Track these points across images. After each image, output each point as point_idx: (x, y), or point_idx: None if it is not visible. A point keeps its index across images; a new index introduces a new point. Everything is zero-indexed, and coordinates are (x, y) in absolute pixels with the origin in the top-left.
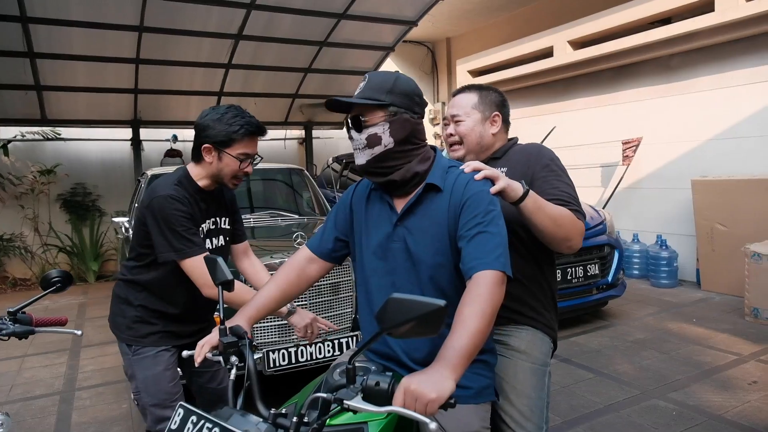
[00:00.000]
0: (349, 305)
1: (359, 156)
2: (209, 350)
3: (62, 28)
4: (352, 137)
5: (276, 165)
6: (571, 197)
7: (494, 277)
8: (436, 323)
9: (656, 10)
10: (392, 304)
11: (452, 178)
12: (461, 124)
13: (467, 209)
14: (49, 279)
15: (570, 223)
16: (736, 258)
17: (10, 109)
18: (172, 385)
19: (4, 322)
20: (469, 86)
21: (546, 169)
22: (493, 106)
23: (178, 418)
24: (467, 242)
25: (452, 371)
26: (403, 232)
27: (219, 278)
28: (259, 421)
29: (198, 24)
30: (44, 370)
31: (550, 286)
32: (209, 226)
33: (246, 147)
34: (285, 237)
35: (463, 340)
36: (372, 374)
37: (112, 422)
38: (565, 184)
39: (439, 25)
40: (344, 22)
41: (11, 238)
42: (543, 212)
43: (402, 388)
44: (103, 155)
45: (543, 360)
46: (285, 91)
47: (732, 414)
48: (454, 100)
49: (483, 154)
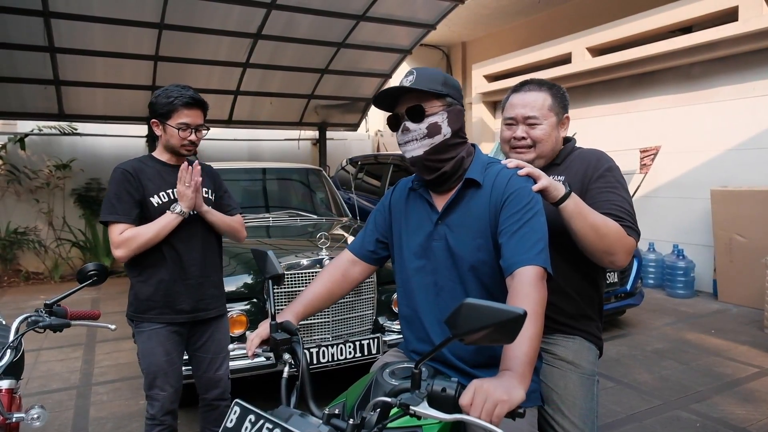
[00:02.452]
0: (370, 307)
1: (414, 148)
2: (259, 344)
3: (83, 24)
4: (407, 128)
5: (294, 165)
6: (624, 212)
7: (537, 274)
8: (514, 331)
9: (677, 18)
10: (466, 309)
11: (493, 174)
12: (538, 128)
13: (509, 205)
14: (85, 272)
15: (615, 236)
16: (755, 270)
17: (29, 103)
18: (165, 360)
19: (41, 314)
20: (537, 82)
21: (602, 180)
22: (564, 106)
23: (234, 416)
24: (508, 237)
25: (521, 380)
26: (444, 230)
27: (269, 271)
28: (320, 423)
29: (218, 22)
30: (60, 365)
31: (600, 297)
32: None
33: (185, 117)
34: (304, 237)
35: (524, 347)
36: (437, 379)
37: (130, 418)
38: (620, 197)
39: (455, 29)
40: (362, 23)
41: (25, 232)
42: (584, 218)
43: (473, 388)
44: (118, 151)
45: (591, 369)
46: (301, 91)
47: (757, 427)
48: (524, 99)
49: (551, 159)
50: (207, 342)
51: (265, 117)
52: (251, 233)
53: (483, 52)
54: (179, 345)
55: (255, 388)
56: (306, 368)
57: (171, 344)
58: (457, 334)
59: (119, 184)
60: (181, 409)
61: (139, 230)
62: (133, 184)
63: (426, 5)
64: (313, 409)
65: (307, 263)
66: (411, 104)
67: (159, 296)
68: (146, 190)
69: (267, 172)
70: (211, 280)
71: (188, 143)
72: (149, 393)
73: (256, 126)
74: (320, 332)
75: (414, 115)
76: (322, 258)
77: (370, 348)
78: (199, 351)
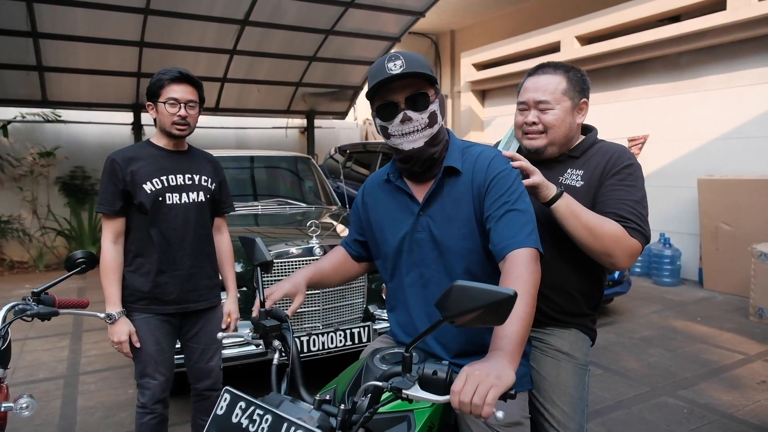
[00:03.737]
0: (360, 295)
1: (416, 138)
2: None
3: (67, 8)
4: (409, 118)
5: (283, 153)
6: (632, 212)
7: (529, 255)
8: (504, 312)
9: (666, 7)
10: (456, 291)
11: (471, 159)
12: (549, 113)
13: (493, 189)
14: (73, 260)
15: (612, 238)
16: (740, 258)
17: (11, 89)
18: (156, 350)
19: (28, 303)
20: (553, 65)
21: (616, 177)
22: (582, 91)
23: (225, 404)
24: (496, 222)
25: (511, 360)
26: (427, 221)
27: (258, 259)
28: (310, 408)
29: (204, 8)
30: (46, 354)
31: (600, 294)
32: (183, 181)
33: (173, 92)
34: (293, 225)
35: (514, 326)
36: (428, 363)
37: (119, 407)
38: (632, 197)
39: (444, 17)
40: (351, 10)
41: (9, 221)
42: (577, 220)
43: (464, 374)
44: (104, 139)
45: (584, 360)
46: (289, 79)
47: (743, 413)
48: (537, 82)
49: (565, 146)
50: (199, 333)
51: (253, 105)
52: (240, 221)
53: (472, 40)
54: (170, 334)
55: (245, 377)
56: (296, 354)
57: (161, 333)
58: (448, 316)
59: (105, 174)
60: (172, 397)
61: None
62: (119, 174)
63: None
64: (304, 396)
65: (297, 252)
66: (410, 92)
67: (147, 287)
68: (138, 177)
69: (255, 160)
70: (205, 271)
71: (179, 119)
72: (140, 381)
73: (243, 114)
74: (311, 321)
75: (416, 103)
76: (312, 246)
77: (360, 336)
78: (191, 341)
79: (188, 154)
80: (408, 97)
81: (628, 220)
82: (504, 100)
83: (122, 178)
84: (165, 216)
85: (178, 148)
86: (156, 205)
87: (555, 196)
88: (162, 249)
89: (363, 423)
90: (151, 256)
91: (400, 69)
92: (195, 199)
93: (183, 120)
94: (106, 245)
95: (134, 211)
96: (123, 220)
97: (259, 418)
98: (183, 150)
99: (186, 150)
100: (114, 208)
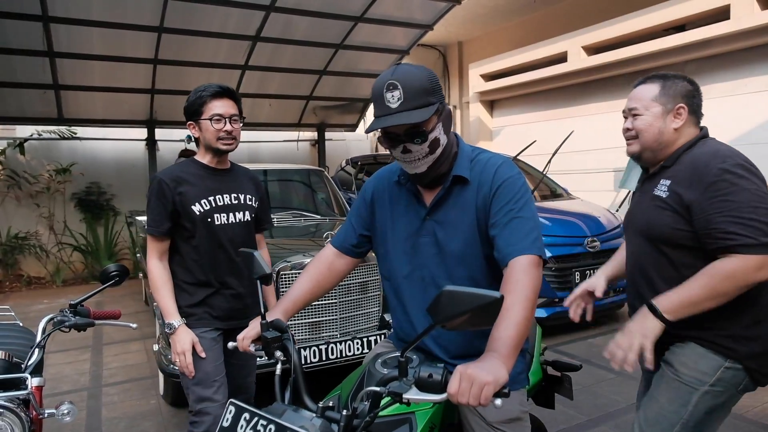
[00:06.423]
0: (376, 304)
1: (417, 165)
2: (250, 344)
3: (82, 28)
4: (408, 150)
5: (296, 166)
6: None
7: (530, 261)
8: (492, 315)
9: (671, 17)
10: (446, 296)
11: (479, 167)
12: (638, 118)
13: (498, 197)
14: (107, 273)
15: (723, 282)
16: None
17: (28, 107)
18: (213, 367)
19: (66, 314)
20: (654, 76)
21: (708, 192)
22: (678, 96)
23: (230, 416)
24: (501, 229)
25: (505, 361)
26: (432, 226)
27: (257, 272)
28: (312, 416)
29: (217, 25)
30: (68, 367)
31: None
32: (230, 201)
33: (216, 108)
34: (308, 236)
35: (510, 330)
36: (423, 366)
37: (142, 417)
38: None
39: (452, 29)
40: (360, 25)
41: (26, 237)
42: (694, 306)
43: (458, 374)
44: (118, 155)
45: (692, 376)
46: (299, 92)
47: (753, 414)
48: (634, 92)
49: (662, 151)
50: None
51: (265, 118)
52: None
53: (479, 51)
54: (222, 355)
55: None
56: (298, 364)
57: (215, 354)
58: (438, 320)
59: (153, 195)
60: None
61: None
62: (168, 195)
63: (423, 6)
64: (308, 404)
65: None
66: (408, 126)
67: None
68: (186, 199)
69: (269, 173)
70: (250, 289)
71: (225, 135)
72: (199, 408)
73: (255, 128)
74: (329, 329)
75: (414, 136)
76: None
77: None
78: (232, 357)
79: (232, 172)
80: (406, 130)
81: (730, 239)
82: (512, 110)
83: (171, 198)
84: (213, 236)
85: (223, 166)
86: (204, 225)
87: (658, 317)
88: (212, 269)
89: (364, 428)
90: (200, 276)
91: (398, 102)
92: (241, 219)
93: (229, 135)
94: (152, 263)
95: (182, 231)
96: (169, 240)
97: (263, 428)
98: (226, 168)
99: (229, 168)
100: (161, 229)
